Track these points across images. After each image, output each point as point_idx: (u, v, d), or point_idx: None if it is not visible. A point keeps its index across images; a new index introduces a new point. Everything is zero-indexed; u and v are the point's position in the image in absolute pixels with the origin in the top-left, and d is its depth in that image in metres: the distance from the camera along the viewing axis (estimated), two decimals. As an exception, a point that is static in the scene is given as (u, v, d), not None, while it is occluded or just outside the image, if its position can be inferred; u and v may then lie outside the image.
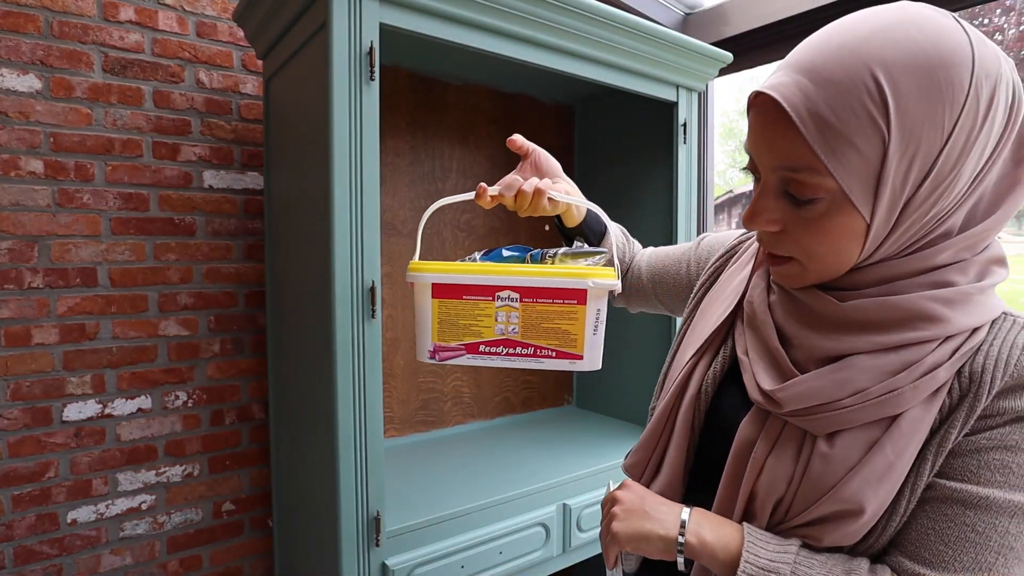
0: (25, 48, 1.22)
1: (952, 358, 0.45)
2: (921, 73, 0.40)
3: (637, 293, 0.84)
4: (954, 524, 0.44)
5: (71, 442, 1.31)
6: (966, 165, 0.42)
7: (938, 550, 0.45)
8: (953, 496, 0.45)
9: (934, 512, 0.45)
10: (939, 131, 0.40)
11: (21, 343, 1.25)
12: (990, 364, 0.44)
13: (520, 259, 0.67)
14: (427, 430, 1.61)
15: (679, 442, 0.59)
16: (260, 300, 1.52)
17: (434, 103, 1.56)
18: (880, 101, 0.40)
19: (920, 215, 0.44)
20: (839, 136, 0.41)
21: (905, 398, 0.45)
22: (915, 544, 0.46)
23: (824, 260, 0.47)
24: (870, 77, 0.40)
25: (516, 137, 0.72)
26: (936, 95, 0.40)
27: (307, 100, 1.06)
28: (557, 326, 0.62)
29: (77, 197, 1.29)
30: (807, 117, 0.41)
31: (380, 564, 1.03)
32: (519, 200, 0.67)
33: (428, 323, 0.64)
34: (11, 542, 1.25)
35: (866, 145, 0.41)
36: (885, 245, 0.46)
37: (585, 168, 1.85)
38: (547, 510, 1.24)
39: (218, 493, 1.49)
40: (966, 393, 0.45)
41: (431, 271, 0.62)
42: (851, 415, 0.46)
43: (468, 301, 0.62)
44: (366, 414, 0.99)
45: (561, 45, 1.18)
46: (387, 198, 1.50)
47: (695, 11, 1.84)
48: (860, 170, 0.42)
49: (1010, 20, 1.46)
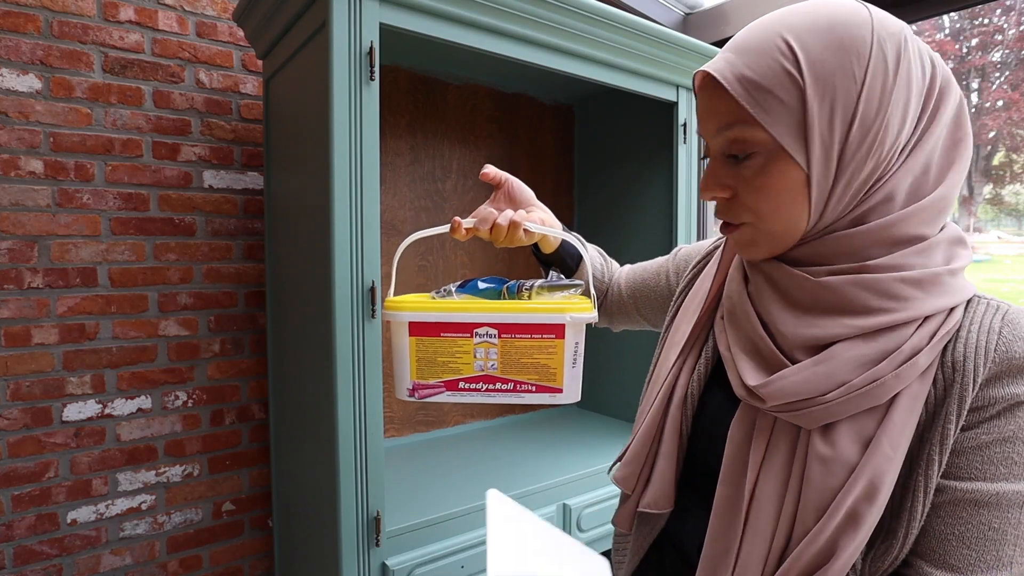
0: (25, 48, 1.22)
1: (931, 342, 0.46)
2: (823, 31, 0.45)
3: (618, 311, 0.84)
4: (972, 525, 0.45)
5: (71, 442, 1.31)
6: (891, 116, 0.46)
7: (963, 554, 0.45)
8: (966, 497, 0.45)
9: (950, 516, 0.45)
10: (851, 78, 0.45)
11: (21, 343, 1.25)
12: (971, 352, 0.45)
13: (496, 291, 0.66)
14: (427, 430, 1.61)
15: (668, 450, 0.59)
16: (260, 300, 1.52)
17: (434, 103, 1.56)
18: (791, 56, 0.45)
19: (857, 166, 0.46)
20: (761, 88, 0.46)
21: (888, 387, 0.45)
22: (939, 551, 0.46)
23: (773, 219, 0.49)
24: (781, 40, 0.46)
25: (488, 168, 0.72)
26: (840, 47, 0.45)
27: (307, 100, 1.06)
28: (536, 360, 0.62)
29: (77, 197, 1.29)
30: (732, 79, 0.47)
31: (380, 564, 1.03)
32: (494, 233, 0.67)
33: (406, 361, 0.62)
34: (11, 542, 1.25)
35: (786, 94, 0.45)
36: (831, 203, 0.48)
37: (585, 168, 1.85)
38: (547, 510, 1.24)
39: (218, 493, 1.49)
40: (951, 383, 0.45)
41: (407, 309, 0.61)
42: (838, 408, 0.46)
43: (446, 338, 0.61)
44: (366, 414, 0.99)
45: (561, 45, 1.18)
46: (387, 198, 1.50)
47: (695, 11, 1.84)
48: (785, 118, 0.46)
49: (1010, 20, 1.46)
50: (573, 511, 1.27)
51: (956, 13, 1.47)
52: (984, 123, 1.58)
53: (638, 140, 1.63)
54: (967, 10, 1.39)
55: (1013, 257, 1.61)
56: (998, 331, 0.45)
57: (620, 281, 0.84)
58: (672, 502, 0.59)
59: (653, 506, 0.59)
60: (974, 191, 2.13)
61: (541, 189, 1.79)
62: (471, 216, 0.68)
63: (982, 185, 1.64)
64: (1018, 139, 1.54)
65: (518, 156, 1.74)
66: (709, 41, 1.69)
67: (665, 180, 1.54)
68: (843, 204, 0.48)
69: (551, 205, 1.92)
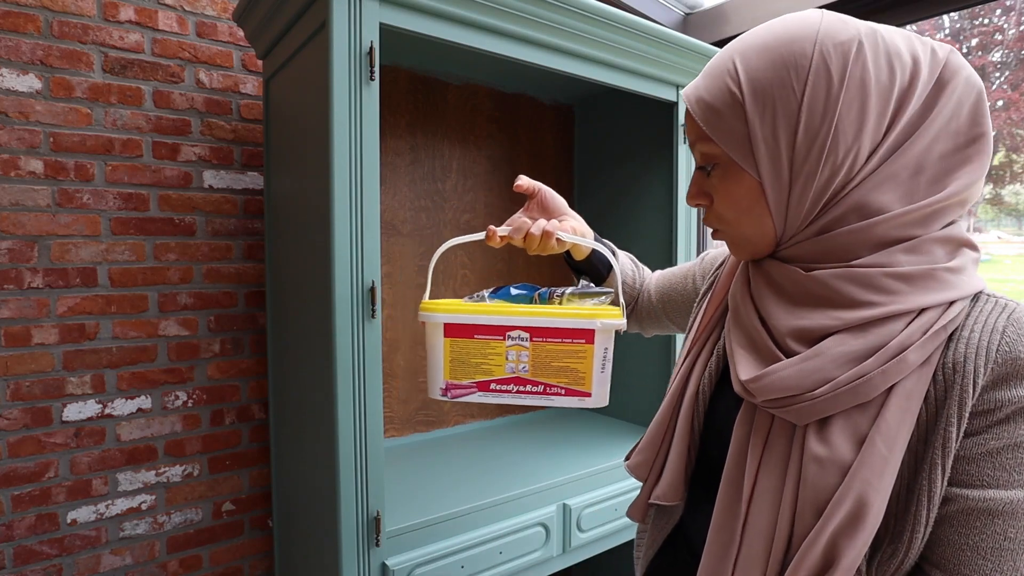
0: (25, 48, 1.22)
1: (923, 337, 0.45)
2: (764, 50, 0.49)
3: (649, 316, 0.86)
4: (986, 535, 0.44)
5: (71, 442, 1.31)
6: (841, 122, 0.47)
7: (978, 564, 0.44)
8: (979, 507, 0.44)
9: (963, 526, 0.45)
10: (789, 91, 0.47)
11: (21, 343, 1.25)
12: (971, 352, 0.44)
13: (528, 298, 0.69)
14: (427, 430, 1.61)
15: (679, 447, 0.60)
16: (260, 300, 1.52)
17: (434, 103, 1.56)
18: (735, 76, 0.50)
19: (810, 172, 0.48)
20: (711, 109, 0.51)
21: (875, 383, 0.45)
22: (954, 561, 0.45)
23: (739, 224, 0.53)
24: (731, 62, 0.50)
25: (522, 180, 0.75)
26: (779, 62, 0.48)
27: (307, 100, 1.06)
28: (566, 364, 0.64)
29: (77, 197, 1.29)
30: (693, 100, 0.53)
31: (380, 564, 1.03)
32: (527, 241, 0.70)
33: (440, 361, 0.65)
34: (11, 542, 1.25)
35: (730, 112, 0.50)
36: (791, 209, 0.50)
37: (585, 168, 1.85)
38: (547, 510, 1.24)
39: (218, 493, 1.49)
40: (952, 384, 0.44)
41: (443, 311, 0.64)
42: (825, 404, 0.46)
43: (479, 340, 0.64)
44: (366, 414, 0.99)
45: (561, 45, 1.18)
46: (387, 198, 1.50)
47: (695, 11, 1.84)
48: (731, 133, 0.50)
49: (1010, 20, 1.46)
50: (573, 511, 1.27)
51: (956, 13, 1.47)
52: (984, 123, 1.57)
53: (638, 140, 1.63)
54: (967, 10, 1.39)
55: (1013, 257, 1.61)
56: (1002, 331, 0.44)
57: (650, 287, 0.86)
58: (681, 495, 0.60)
59: (663, 498, 0.60)
60: (974, 191, 2.13)
61: (541, 189, 1.79)
62: (505, 224, 0.71)
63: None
64: (1018, 139, 1.54)
65: (518, 156, 1.74)
66: (709, 41, 1.69)
67: (665, 180, 1.54)
68: (804, 209, 0.49)
69: (551, 205, 1.91)
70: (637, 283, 0.86)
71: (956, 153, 0.47)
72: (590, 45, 1.22)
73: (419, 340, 1.58)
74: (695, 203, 0.57)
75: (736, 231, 0.54)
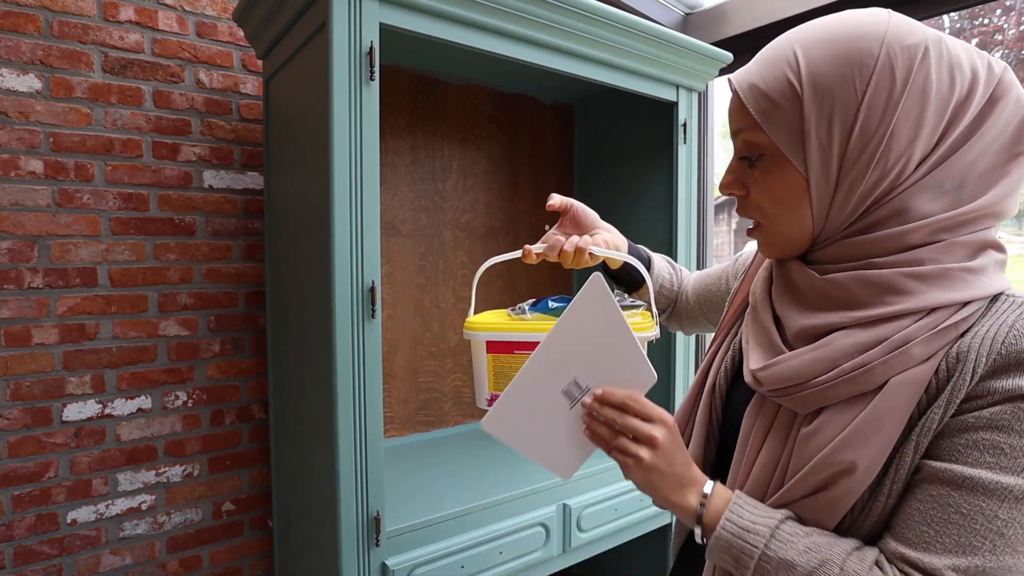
0: (25, 48, 1.22)
1: (928, 334, 0.45)
2: (828, 43, 0.47)
3: (688, 316, 0.88)
4: (938, 505, 0.44)
5: (71, 442, 1.31)
6: (898, 127, 0.46)
7: (921, 530, 0.45)
8: (939, 476, 0.45)
9: (921, 493, 0.46)
10: (851, 89, 0.46)
11: (21, 343, 1.25)
12: (976, 344, 0.45)
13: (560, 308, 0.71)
14: (427, 430, 1.61)
15: (698, 437, 0.63)
16: (260, 300, 1.52)
17: (434, 103, 1.56)
18: (795, 67, 0.48)
19: (858, 174, 0.47)
20: (766, 97, 0.49)
21: (877, 373, 0.46)
22: (901, 525, 0.46)
23: (778, 220, 0.52)
24: (791, 51, 0.49)
25: (554, 199, 0.76)
26: (843, 59, 0.47)
27: (307, 100, 1.06)
28: None
29: (77, 197, 1.29)
30: (745, 86, 0.51)
31: (380, 564, 1.03)
32: (562, 257, 0.72)
33: (485, 375, 0.71)
34: (11, 542, 1.25)
35: (786, 103, 0.48)
36: (834, 209, 0.49)
37: (585, 168, 1.85)
38: (547, 510, 1.24)
39: (218, 493, 1.49)
40: (952, 372, 0.45)
41: (485, 329, 0.69)
42: (827, 392, 0.48)
43: (519, 355, 0.69)
44: (366, 414, 0.99)
45: (561, 45, 1.18)
46: (387, 198, 1.50)
47: (695, 11, 1.84)
48: (785, 125, 0.49)
49: (1010, 20, 1.46)
50: (573, 511, 1.27)
51: (956, 13, 1.47)
52: (984, 123, 1.57)
53: (638, 140, 1.63)
54: (967, 10, 1.39)
55: (1013, 257, 1.61)
56: (1010, 325, 0.45)
57: (687, 288, 0.88)
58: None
59: None
60: (974, 191, 2.11)
61: (541, 189, 1.79)
62: (540, 242, 0.74)
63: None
64: (1018, 139, 1.54)
65: (518, 156, 1.74)
66: (709, 41, 1.69)
67: (665, 180, 1.54)
68: (847, 211, 0.49)
69: (551, 205, 1.91)
70: (675, 285, 0.88)
71: (996, 169, 0.48)
72: (590, 45, 1.22)
73: (419, 340, 1.58)
74: (729, 192, 0.56)
75: (774, 226, 0.53)
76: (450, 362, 1.64)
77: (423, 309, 1.58)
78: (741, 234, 3.79)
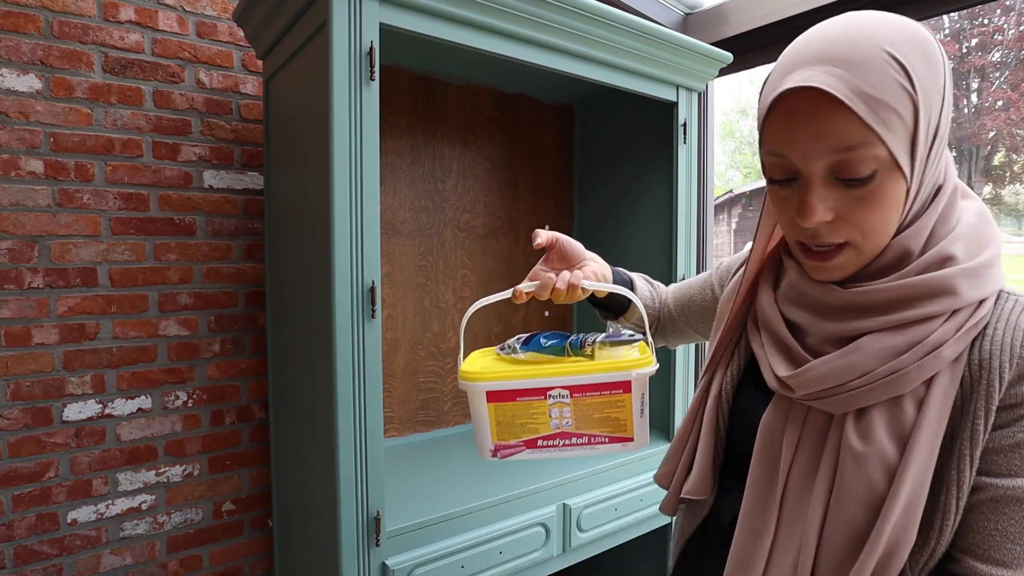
0: (25, 48, 1.22)
1: (957, 334, 0.46)
2: (917, 46, 0.46)
3: (673, 330, 0.88)
4: (1015, 520, 0.46)
5: (71, 442, 1.31)
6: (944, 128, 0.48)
7: (1007, 548, 0.46)
8: (1009, 494, 0.46)
9: (993, 512, 0.46)
10: (939, 93, 0.46)
11: (21, 343, 1.25)
12: (997, 349, 0.46)
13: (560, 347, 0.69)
14: (427, 430, 1.61)
15: (706, 443, 0.63)
16: (260, 300, 1.52)
17: (434, 103, 1.56)
18: (903, 71, 0.45)
19: (930, 172, 0.49)
20: (884, 106, 0.44)
21: (910, 377, 0.47)
22: (983, 546, 0.47)
23: (879, 234, 0.49)
24: (885, 54, 0.45)
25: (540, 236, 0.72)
26: (932, 63, 0.46)
27: (307, 100, 1.06)
28: (607, 415, 0.66)
29: (77, 197, 1.29)
30: (853, 95, 0.44)
31: (380, 564, 1.03)
32: (554, 295, 0.70)
33: (487, 425, 0.67)
34: (11, 542, 1.25)
35: (903, 109, 0.45)
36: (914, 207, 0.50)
37: (585, 168, 1.85)
38: (547, 510, 1.24)
39: (218, 493, 1.49)
40: (978, 380, 0.46)
41: (484, 379, 0.64)
42: (862, 395, 0.48)
43: (522, 403, 0.65)
44: (366, 414, 0.99)
45: (561, 45, 1.18)
46: (387, 198, 1.50)
47: (695, 11, 1.84)
48: (902, 135, 0.46)
49: (1010, 20, 1.46)
50: (573, 511, 1.27)
51: (956, 13, 1.47)
52: (984, 123, 1.57)
53: (638, 140, 1.63)
54: (967, 10, 1.39)
55: (1013, 257, 1.61)
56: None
57: (669, 303, 0.87)
58: (711, 489, 0.63)
59: (693, 493, 0.63)
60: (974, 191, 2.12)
61: (541, 189, 1.79)
62: (528, 281, 0.71)
63: (982, 185, 1.64)
64: (1018, 139, 1.54)
65: (518, 156, 1.74)
66: (709, 41, 1.69)
67: (665, 180, 1.54)
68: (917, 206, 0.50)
69: (551, 205, 1.92)
70: (657, 302, 0.88)
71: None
72: (590, 45, 1.22)
73: (419, 340, 1.58)
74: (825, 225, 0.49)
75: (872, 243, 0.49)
76: (450, 362, 1.64)
77: (423, 309, 1.59)
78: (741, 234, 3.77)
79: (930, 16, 1.41)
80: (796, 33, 0.51)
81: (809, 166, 0.48)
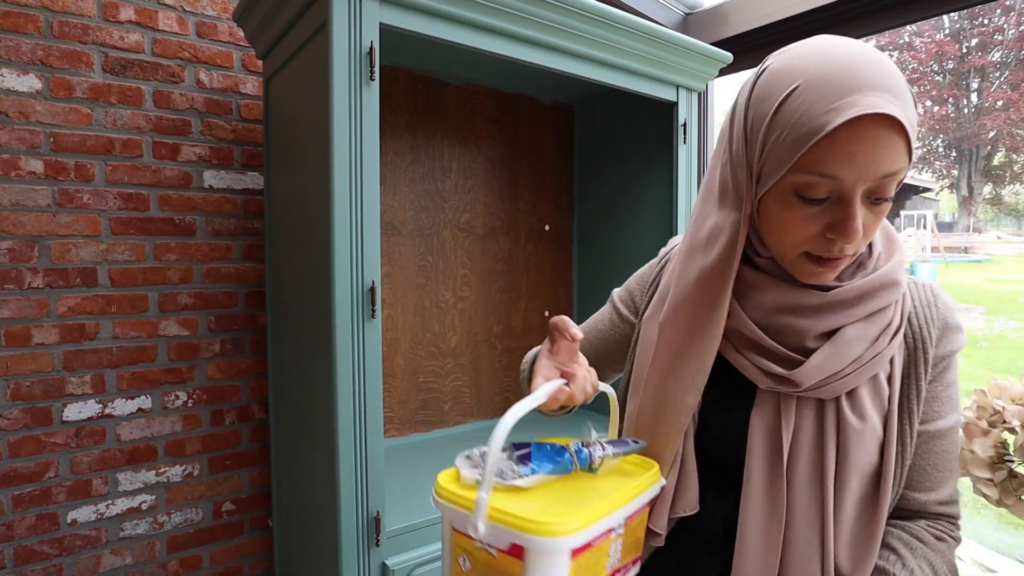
0: (25, 48, 1.22)
1: (902, 318, 0.57)
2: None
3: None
4: (937, 454, 0.58)
5: (71, 442, 1.31)
6: None
7: (935, 477, 0.58)
8: (936, 433, 0.58)
9: (924, 451, 0.58)
10: None
11: (21, 343, 1.25)
12: (923, 321, 0.58)
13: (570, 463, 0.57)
14: (427, 430, 1.61)
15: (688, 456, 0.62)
16: (260, 300, 1.52)
17: (434, 103, 1.56)
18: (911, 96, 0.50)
19: None
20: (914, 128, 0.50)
21: (884, 357, 0.56)
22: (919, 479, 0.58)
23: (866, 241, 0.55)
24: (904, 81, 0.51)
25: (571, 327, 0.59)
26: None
27: (307, 100, 1.06)
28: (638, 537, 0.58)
29: (77, 197, 1.29)
30: (908, 125, 0.48)
31: (380, 564, 1.03)
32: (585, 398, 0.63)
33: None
34: (11, 542, 1.25)
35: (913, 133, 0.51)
36: None
37: (585, 168, 1.85)
38: (547, 510, 1.24)
39: (218, 493, 1.49)
40: (915, 347, 0.57)
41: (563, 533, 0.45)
42: (852, 379, 0.55)
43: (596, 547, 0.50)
44: (366, 414, 0.99)
45: (561, 45, 1.18)
46: (387, 198, 1.50)
47: (695, 11, 1.84)
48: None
49: (1010, 20, 1.46)
50: (573, 511, 1.27)
51: (956, 13, 1.47)
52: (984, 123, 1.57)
53: (638, 140, 1.63)
54: (967, 10, 1.39)
55: (1013, 257, 1.61)
56: (934, 303, 0.58)
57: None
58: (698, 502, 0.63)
59: (689, 508, 0.62)
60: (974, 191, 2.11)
61: (541, 189, 1.79)
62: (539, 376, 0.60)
63: (982, 185, 1.63)
64: (1018, 139, 1.54)
65: (518, 156, 1.74)
66: (709, 41, 1.69)
67: (665, 180, 1.54)
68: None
69: (551, 205, 1.92)
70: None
71: None
72: (590, 45, 1.22)
73: (419, 340, 1.58)
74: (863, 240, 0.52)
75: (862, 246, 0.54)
76: (450, 362, 1.64)
77: (423, 309, 1.59)
78: (741, 234, 3.78)
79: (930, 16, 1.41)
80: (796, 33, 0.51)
81: (856, 188, 0.48)
